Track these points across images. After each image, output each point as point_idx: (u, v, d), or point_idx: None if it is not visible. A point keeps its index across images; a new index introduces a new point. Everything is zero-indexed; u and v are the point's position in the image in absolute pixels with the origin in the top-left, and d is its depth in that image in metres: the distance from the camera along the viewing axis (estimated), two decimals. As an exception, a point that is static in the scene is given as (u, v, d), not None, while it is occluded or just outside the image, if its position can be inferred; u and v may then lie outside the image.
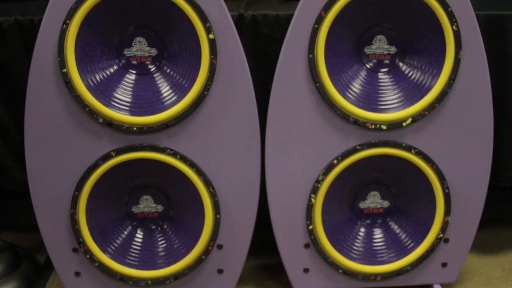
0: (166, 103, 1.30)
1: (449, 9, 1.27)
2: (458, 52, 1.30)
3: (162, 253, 1.40)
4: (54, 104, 1.28)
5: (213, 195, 1.34)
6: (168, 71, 1.32)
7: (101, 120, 1.28)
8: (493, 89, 1.34)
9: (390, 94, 1.35)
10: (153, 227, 1.42)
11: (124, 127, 1.29)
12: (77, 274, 1.40)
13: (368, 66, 1.36)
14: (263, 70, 1.39)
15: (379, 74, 1.37)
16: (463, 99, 1.34)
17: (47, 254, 1.40)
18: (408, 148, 1.35)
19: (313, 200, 1.37)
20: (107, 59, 1.31)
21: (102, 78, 1.30)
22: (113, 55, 1.31)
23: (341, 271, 1.42)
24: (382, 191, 1.44)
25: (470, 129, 1.36)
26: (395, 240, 1.45)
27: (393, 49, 1.35)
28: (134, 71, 1.32)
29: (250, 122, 1.32)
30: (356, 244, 1.44)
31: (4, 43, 1.41)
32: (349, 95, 1.33)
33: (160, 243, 1.41)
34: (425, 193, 1.40)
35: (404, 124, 1.33)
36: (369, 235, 1.45)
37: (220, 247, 1.39)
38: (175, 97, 1.30)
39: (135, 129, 1.29)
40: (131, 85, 1.32)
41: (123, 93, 1.31)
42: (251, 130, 1.33)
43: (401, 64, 1.36)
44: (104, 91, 1.29)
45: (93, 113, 1.28)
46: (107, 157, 1.31)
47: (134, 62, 1.32)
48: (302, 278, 1.44)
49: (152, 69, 1.33)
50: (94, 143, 1.31)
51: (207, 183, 1.33)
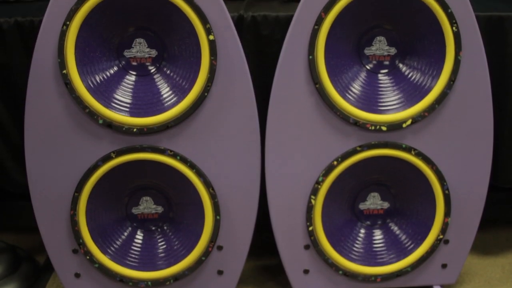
0: (166, 104, 1.30)
1: (449, 10, 1.27)
2: (458, 53, 1.29)
3: (162, 254, 1.40)
4: (54, 105, 1.28)
5: (213, 196, 1.34)
6: (168, 72, 1.32)
7: (101, 121, 1.28)
8: (493, 90, 1.34)
9: (390, 95, 1.35)
10: (153, 228, 1.42)
11: (124, 128, 1.29)
12: (77, 275, 1.40)
13: (368, 67, 1.36)
14: (263, 71, 1.39)
15: (379, 75, 1.37)
16: (463, 100, 1.34)
17: (47, 255, 1.40)
18: (408, 149, 1.35)
19: (313, 201, 1.37)
20: (107, 60, 1.31)
21: (102, 79, 1.30)
22: (113, 56, 1.31)
23: (341, 272, 1.42)
24: (382, 192, 1.44)
25: (470, 130, 1.36)
26: (395, 241, 1.45)
27: (393, 50, 1.35)
28: (134, 72, 1.32)
29: (250, 123, 1.32)
30: (356, 245, 1.44)
31: (4, 44, 1.41)
32: (349, 96, 1.33)
33: (160, 244, 1.41)
34: (425, 194, 1.40)
35: (404, 125, 1.33)
36: (369, 236, 1.45)
37: (220, 248, 1.39)
38: (175, 98, 1.30)
39: (135, 130, 1.29)
40: (131, 86, 1.32)
41: (123, 94, 1.31)
42: (251, 131, 1.33)
43: (401, 65, 1.36)
44: (104, 92, 1.29)
45: (93, 114, 1.28)
46: (107, 158, 1.31)
47: (134, 63, 1.32)
48: (302, 279, 1.43)
49: (152, 70, 1.33)
50: (94, 144, 1.31)
51: (207, 184, 1.33)
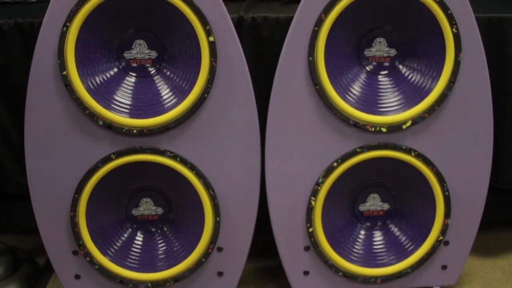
0: (166, 105, 1.30)
1: (449, 11, 1.27)
2: (458, 54, 1.30)
3: (162, 256, 1.40)
4: (54, 106, 1.28)
5: (213, 198, 1.34)
6: (168, 73, 1.32)
7: (101, 123, 1.28)
8: (493, 91, 1.34)
9: (390, 97, 1.35)
10: (153, 229, 1.42)
11: (124, 130, 1.29)
12: (77, 276, 1.40)
13: (368, 69, 1.36)
14: (263, 72, 1.39)
15: (379, 76, 1.37)
16: (463, 101, 1.34)
17: (47, 257, 1.40)
18: (408, 151, 1.35)
19: (313, 203, 1.37)
20: (107, 61, 1.31)
21: (102, 81, 1.30)
22: (113, 57, 1.31)
23: (341, 273, 1.42)
24: (382, 193, 1.44)
25: (470, 132, 1.36)
26: (395, 242, 1.45)
27: (393, 52, 1.35)
28: (134, 74, 1.32)
29: (250, 125, 1.32)
30: (356, 247, 1.44)
31: (4, 45, 1.41)
32: (349, 97, 1.33)
33: (160, 245, 1.41)
34: (425, 196, 1.40)
35: (404, 126, 1.33)
36: (369, 238, 1.45)
37: (220, 249, 1.39)
38: (175, 100, 1.30)
39: (135, 131, 1.29)
40: (131, 87, 1.32)
41: (123, 96, 1.31)
42: (251, 132, 1.33)
43: (401, 67, 1.36)
44: (104, 94, 1.29)
45: (93, 116, 1.28)
46: (107, 159, 1.31)
47: (134, 65, 1.32)
48: (302, 281, 1.43)
49: (152, 72, 1.33)
50: (94, 145, 1.31)
51: (207, 185, 1.33)
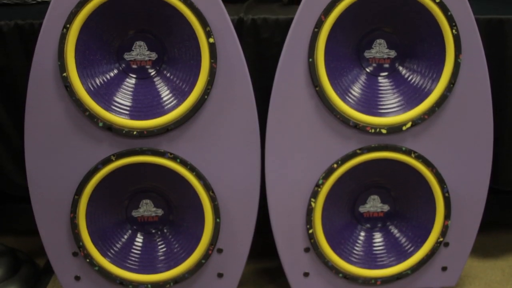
0: (166, 107, 1.30)
1: (449, 13, 1.27)
2: (458, 56, 1.30)
3: (162, 257, 1.40)
4: (54, 108, 1.28)
5: (213, 199, 1.34)
6: (168, 75, 1.32)
7: (101, 124, 1.28)
8: (493, 93, 1.34)
9: (390, 98, 1.35)
10: (153, 231, 1.42)
11: (124, 131, 1.29)
12: (77, 278, 1.40)
13: (368, 70, 1.36)
14: (263, 74, 1.39)
15: (379, 78, 1.37)
16: (463, 103, 1.34)
17: (47, 258, 1.40)
18: (408, 152, 1.35)
19: (313, 204, 1.37)
20: (107, 63, 1.31)
21: (102, 82, 1.30)
22: (113, 59, 1.31)
23: (341, 275, 1.42)
24: (382, 195, 1.44)
25: (470, 133, 1.36)
26: (395, 244, 1.44)
27: (392, 53, 1.35)
28: (134, 75, 1.33)
29: (250, 126, 1.32)
30: (356, 248, 1.44)
31: (4, 47, 1.41)
32: (349, 99, 1.33)
33: (160, 247, 1.41)
34: (425, 197, 1.40)
35: (404, 128, 1.33)
36: (369, 239, 1.45)
37: (220, 251, 1.39)
38: (175, 101, 1.30)
39: (135, 133, 1.29)
40: (131, 89, 1.32)
41: (123, 97, 1.31)
42: (251, 134, 1.33)
43: (401, 68, 1.36)
44: (104, 95, 1.29)
45: (93, 117, 1.28)
46: (107, 161, 1.31)
47: (134, 66, 1.32)
48: (302, 282, 1.43)
49: (152, 73, 1.33)
50: (94, 147, 1.31)
51: (207, 187, 1.33)
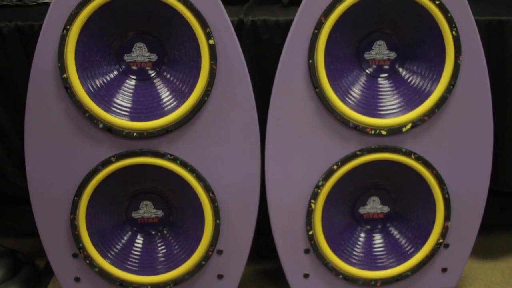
0: (166, 108, 1.30)
1: (449, 14, 1.27)
2: (458, 57, 1.30)
3: (162, 259, 1.40)
4: (54, 109, 1.28)
5: (213, 201, 1.34)
6: (168, 76, 1.32)
7: (101, 126, 1.28)
8: (492, 94, 1.34)
9: (390, 100, 1.35)
10: (153, 232, 1.42)
11: (124, 133, 1.29)
12: (77, 279, 1.40)
13: (368, 72, 1.36)
14: (263, 75, 1.39)
15: (379, 79, 1.37)
16: (463, 104, 1.34)
17: (47, 260, 1.40)
18: (408, 154, 1.35)
19: (313, 206, 1.37)
20: (107, 64, 1.31)
21: (102, 84, 1.30)
22: (113, 60, 1.31)
23: (341, 276, 1.42)
24: (382, 196, 1.44)
25: (470, 134, 1.36)
26: (395, 245, 1.44)
27: (392, 55, 1.35)
28: (134, 77, 1.33)
29: (250, 128, 1.32)
30: (356, 250, 1.44)
31: (4, 48, 1.41)
32: (349, 100, 1.34)
33: (160, 248, 1.41)
34: (425, 198, 1.40)
35: (404, 129, 1.33)
36: (369, 241, 1.45)
37: (220, 252, 1.39)
38: (175, 103, 1.30)
39: (135, 134, 1.29)
40: (131, 90, 1.32)
41: (123, 99, 1.31)
42: (251, 135, 1.33)
43: (400, 70, 1.36)
44: (104, 97, 1.29)
45: (93, 119, 1.28)
46: (107, 162, 1.31)
47: (134, 68, 1.32)
48: (302, 284, 1.43)
49: (152, 75, 1.33)
50: (94, 148, 1.31)
51: (207, 188, 1.33)
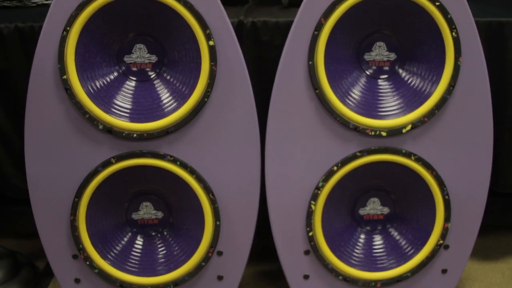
0: (166, 109, 1.30)
1: (449, 15, 1.27)
2: (458, 58, 1.30)
3: (162, 260, 1.40)
4: (54, 110, 1.28)
5: (213, 202, 1.34)
6: (168, 77, 1.32)
7: (101, 127, 1.28)
8: (492, 95, 1.34)
9: (390, 101, 1.35)
10: (153, 233, 1.42)
11: (124, 134, 1.29)
12: (77, 280, 1.40)
13: (368, 73, 1.36)
14: (263, 76, 1.39)
15: (379, 80, 1.37)
16: (463, 105, 1.34)
17: (47, 261, 1.40)
18: (408, 155, 1.35)
19: (313, 207, 1.37)
20: (107, 65, 1.31)
21: (102, 85, 1.30)
22: (113, 61, 1.31)
23: (341, 277, 1.42)
24: (382, 197, 1.44)
25: (470, 136, 1.36)
26: (395, 246, 1.44)
27: (392, 56, 1.35)
28: (134, 78, 1.33)
29: (250, 129, 1.32)
30: (356, 251, 1.44)
31: (5, 49, 1.42)
32: (349, 101, 1.34)
33: (160, 249, 1.41)
34: (425, 200, 1.40)
35: (404, 130, 1.33)
36: (369, 242, 1.45)
37: (220, 253, 1.39)
38: (175, 104, 1.30)
39: (135, 135, 1.29)
40: (131, 91, 1.32)
41: (123, 100, 1.31)
42: (251, 136, 1.33)
43: (400, 71, 1.36)
44: (104, 98, 1.29)
45: (93, 120, 1.28)
46: (107, 163, 1.31)
47: (134, 69, 1.32)
48: (302, 285, 1.43)
49: (152, 76, 1.33)
50: (94, 149, 1.31)
51: (207, 189, 1.33)
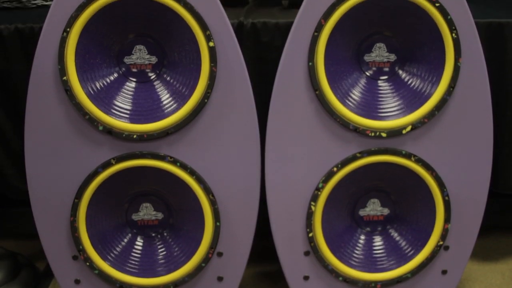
0: (166, 110, 1.30)
1: (449, 17, 1.27)
2: (458, 59, 1.30)
3: (162, 261, 1.40)
4: (54, 111, 1.28)
5: (213, 203, 1.34)
6: (168, 79, 1.32)
7: (101, 128, 1.28)
8: (492, 96, 1.35)
9: (390, 102, 1.35)
10: (153, 234, 1.42)
11: (124, 135, 1.29)
12: (77, 281, 1.40)
13: (368, 74, 1.36)
14: (263, 78, 1.39)
15: (379, 81, 1.37)
16: (463, 106, 1.34)
17: (47, 262, 1.40)
18: (408, 156, 1.35)
19: (313, 208, 1.37)
20: (107, 67, 1.31)
21: (102, 86, 1.30)
22: (113, 63, 1.31)
23: (341, 278, 1.42)
24: (382, 198, 1.44)
25: (470, 137, 1.36)
26: (395, 247, 1.44)
27: (392, 57, 1.35)
28: (134, 79, 1.33)
29: (250, 130, 1.32)
30: (356, 252, 1.44)
31: (5, 50, 1.42)
32: (349, 102, 1.34)
33: (160, 250, 1.41)
34: (425, 201, 1.40)
35: (404, 131, 1.33)
36: (369, 243, 1.45)
37: (220, 254, 1.39)
38: (175, 105, 1.30)
39: (135, 136, 1.29)
40: (131, 92, 1.32)
41: (123, 101, 1.31)
42: (251, 137, 1.33)
43: (400, 72, 1.36)
44: (104, 99, 1.29)
45: (93, 121, 1.28)
46: (107, 164, 1.31)
47: (134, 70, 1.32)
48: (302, 286, 1.43)
49: (152, 77, 1.33)
50: (94, 150, 1.31)
51: (207, 190, 1.33)
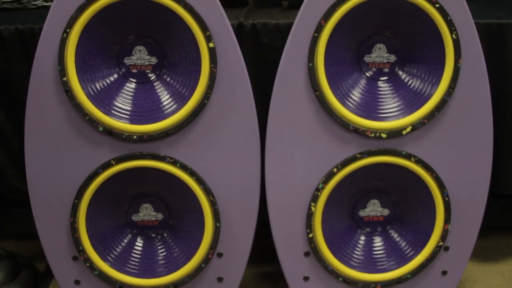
0: (166, 111, 1.30)
1: (449, 17, 1.27)
2: (458, 60, 1.30)
3: (162, 262, 1.40)
4: (54, 112, 1.28)
5: (213, 204, 1.34)
6: (168, 79, 1.32)
7: (101, 129, 1.28)
8: (492, 97, 1.35)
9: (390, 103, 1.35)
10: (153, 235, 1.42)
11: (124, 136, 1.29)
12: (77, 282, 1.40)
13: (368, 75, 1.36)
14: (263, 78, 1.39)
15: (379, 82, 1.37)
16: (463, 107, 1.34)
17: (47, 263, 1.40)
18: (408, 156, 1.35)
19: (313, 208, 1.37)
20: (107, 67, 1.31)
21: (102, 87, 1.30)
22: (113, 63, 1.31)
23: (341, 279, 1.42)
24: (382, 199, 1.44)
25: (470, 137, 1.36)
26: (395, 248, 1.44)
27: (392, 58, 1.35)
28: (134, 80, 1.33)
29: (250, 131, 1.32)
30: (356, 252, 1.44)
31: (5, 51, 1.42)
32: (349, 103, 1.34)
33: (160, 251, 1.41)
34: (425, 201, 1.40)
35: (404, 132, 1.33)
36: (369, 243, 1.45)
37: (220, 255, 1.39)
38: (175, 106, 1.30)
39: (135, 137, 1.29)
40: (131, 93, 1.32)
41: (123, 102, 1.31)
42: (251, 138, 1.33)
43: (400, 73, 1.36)
44: (104, 100, 1.30)
45: (93, 122, 1.28)
46: (107, 165, 1.31)
47: (134, 71, 1.32)
48: (302, 286, 1.43)
49: (152, 78, 1.33)
50: (94, 151, 1.31)
51: (207, 191, 1.33)
